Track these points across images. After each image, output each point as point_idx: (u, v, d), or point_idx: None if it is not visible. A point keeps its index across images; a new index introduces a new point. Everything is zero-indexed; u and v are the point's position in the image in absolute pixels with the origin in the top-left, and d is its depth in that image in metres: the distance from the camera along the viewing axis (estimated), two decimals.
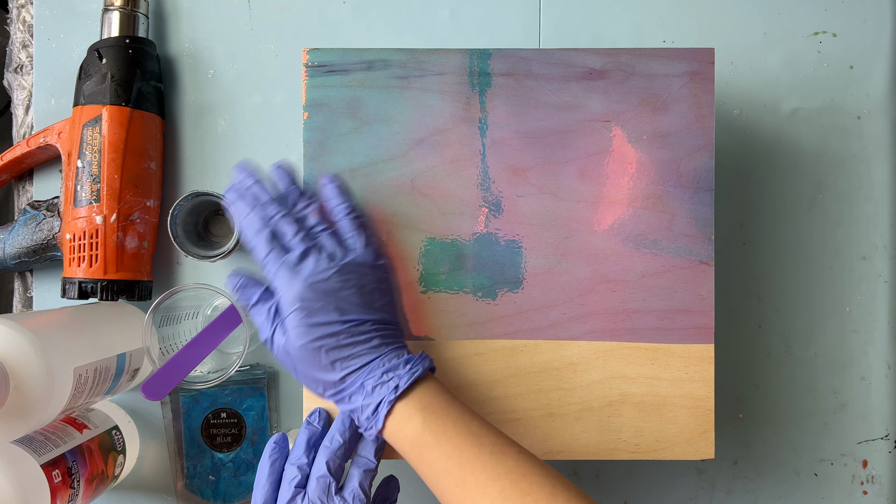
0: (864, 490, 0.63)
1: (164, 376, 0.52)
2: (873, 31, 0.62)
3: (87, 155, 0.56)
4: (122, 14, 0.58)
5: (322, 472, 0.45)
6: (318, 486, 0.45)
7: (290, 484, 0.46)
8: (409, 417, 0.44)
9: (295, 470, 0.46)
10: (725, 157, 0.62)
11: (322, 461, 0.46)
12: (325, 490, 0.45)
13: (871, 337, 0.62)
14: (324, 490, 0.45)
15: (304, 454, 0.47)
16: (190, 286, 0.53)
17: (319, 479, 0.45)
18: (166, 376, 0.52)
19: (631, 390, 0.51)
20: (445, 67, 0.51)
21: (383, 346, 0.46)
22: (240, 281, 0.47)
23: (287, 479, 0.46)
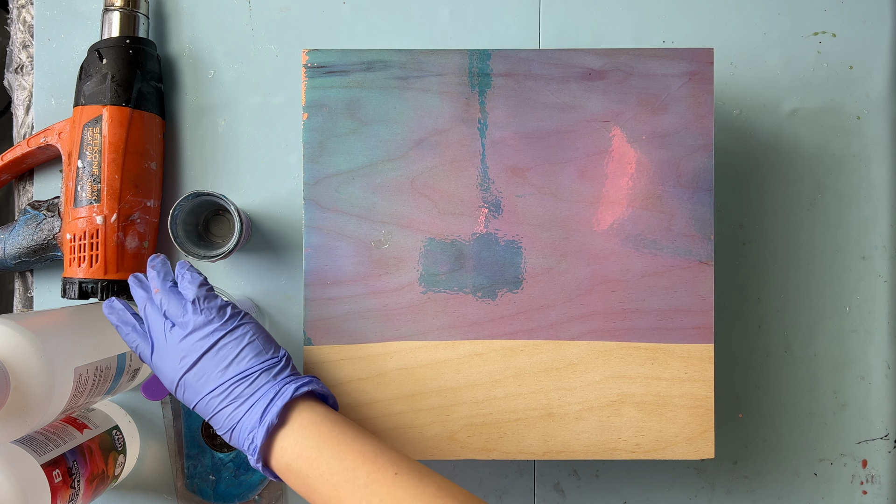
0: (864, 490, 0.63)
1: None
2: (873, 31, 0.62)
3: (87, 155, 0.57)
4: (123, 14, 0.58)
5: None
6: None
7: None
8: (283, 447, 0.44)
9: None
10: (725, 158, 0.62)
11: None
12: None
13: (870, 337, 0.62)
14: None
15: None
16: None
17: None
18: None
19: (631, 390, 0.51)
20: (445, 68, 0.51)
21: (269, 382, 0.45)
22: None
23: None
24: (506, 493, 0.63)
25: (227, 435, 0.45)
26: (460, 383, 0.51)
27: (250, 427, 0.44)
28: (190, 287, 0.47)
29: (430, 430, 0.51)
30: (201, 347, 0.45)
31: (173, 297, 0.47)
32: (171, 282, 0.48)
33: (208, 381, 0.45)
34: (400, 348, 0.51)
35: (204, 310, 0.46)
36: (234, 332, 0.46)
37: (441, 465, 0.62)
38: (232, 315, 0.46)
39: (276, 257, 0.62)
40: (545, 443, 0.51)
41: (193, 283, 0.47)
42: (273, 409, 0.43)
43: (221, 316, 0.46)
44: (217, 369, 0.45)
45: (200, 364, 0.45)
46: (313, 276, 0.51)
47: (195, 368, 0.45)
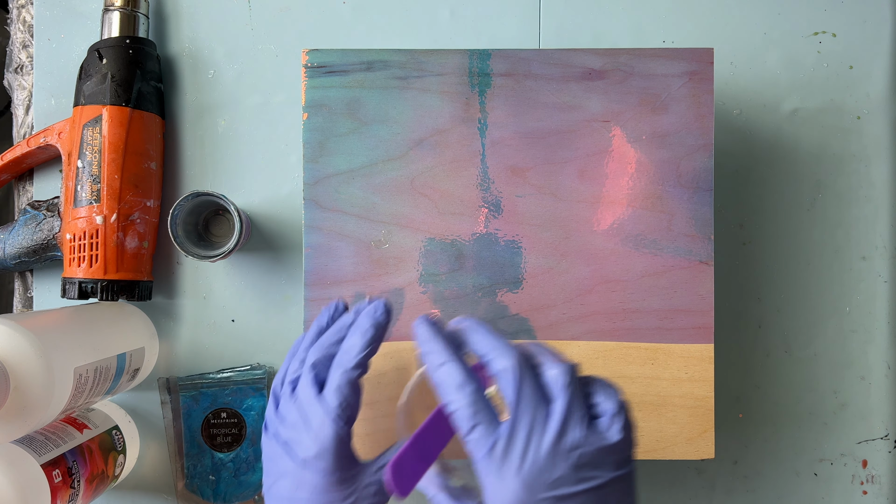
0: (864, 490, 0.63)
1: (414, 456, 0.38)
2: (873, 31, 0.62)
3: (87, 155, 0.57)
4: (123, 14, 0.58)
5: (307, 367, 0.39)
6: (303, 380, 0.39)
7: (286, 380, 0.41)
8: None
9: (296, 363, 0.40)
10: (725, 158, 0.62)
11: (312, 357, 0.39)
12: (308, 385, 0.38)
13: (870, 337, 0.62)
14: (307, 385, 0.38)
15: (306, 347, 0.41)
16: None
17: (304, 373, 0.39)
18: (415, 456, 0.37)
19: (631, 390, 0.51)
20: (445, 68, 0.51)
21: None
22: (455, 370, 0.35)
23: (288, 371, 0.41)
24: None
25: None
26: None
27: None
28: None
29: None
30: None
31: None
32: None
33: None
34: (400, 348, 0.51)
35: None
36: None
37: None
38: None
39: (276, 257, 0.62)
40: None
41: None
42: None
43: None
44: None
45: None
46: (313, 276, 0.51)
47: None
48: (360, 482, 0.38)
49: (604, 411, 0.35)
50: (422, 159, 0.51)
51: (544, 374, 0.35)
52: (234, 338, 0.62)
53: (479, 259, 0.51)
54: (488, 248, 0.51)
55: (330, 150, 0.51)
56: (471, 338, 0.37)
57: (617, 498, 0.34)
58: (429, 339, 0.37)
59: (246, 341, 0.62)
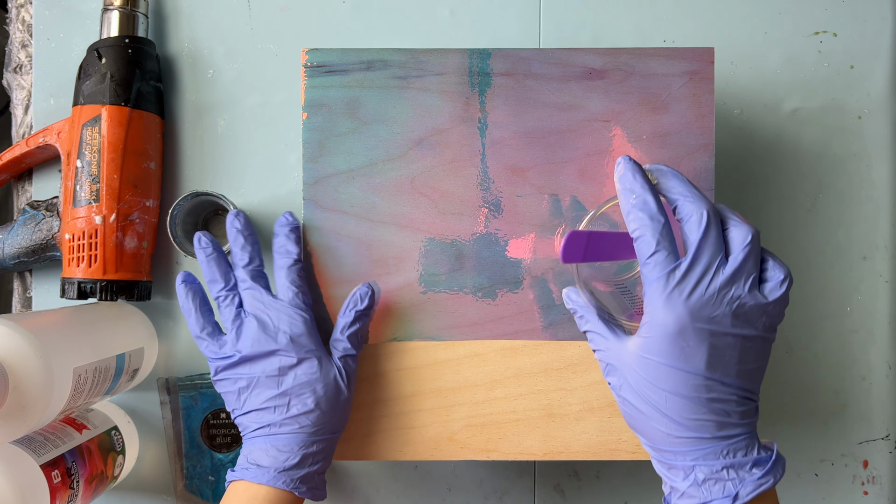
0: (865, 490, 0.62)
1: (591, 242, 0.42)
2: (874, 30, 0.62)
3: (86, 155, 0.56)
4: (122, 14, 0.58)
5: (244, 277, 0.48)
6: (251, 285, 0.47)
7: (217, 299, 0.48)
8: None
9: (217, 288, 0.48)
10: (726, 157, 0.62)
11: (243, 271, 0.48)
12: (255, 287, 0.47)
13: (871, 337, 0.62)
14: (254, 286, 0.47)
15: (219, 276, 0.49)
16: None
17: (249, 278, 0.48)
18: (592, 243, 0.42)
19: None
20: (445, 67, 0.51)
21: (735, 426, 0.39)
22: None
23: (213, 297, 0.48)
24: (506, 493, 0.62)
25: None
26: (460, 384, 0.51)
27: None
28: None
29: (430, 430, 0.51)
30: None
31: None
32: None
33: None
34: (400, 348, 0.51)
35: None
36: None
37: (441, 465, 0.62)
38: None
39: None
40: (545, 443, 0.51)
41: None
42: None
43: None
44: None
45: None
46: (313, 276, 0.51)
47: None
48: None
49: (771, 277, 0.39)
50: (422, 159, 0.51)
51: (729, 229, 0.39)
52: None
53: (479, 259, 0.51)
54: (488, 248, 0.51)
55: (330, 150, 0.51)
56: (667, 181, 0.40)
57: (756, 355, 0.39)
58: (629, 175, 0.40)
59: None
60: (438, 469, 0.62)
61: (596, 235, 0.41)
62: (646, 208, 0.39)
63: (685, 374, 0.38)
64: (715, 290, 0.38)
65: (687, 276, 0.38)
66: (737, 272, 0.38)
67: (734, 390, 0.39)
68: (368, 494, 0.62)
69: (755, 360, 0.39)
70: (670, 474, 0.40)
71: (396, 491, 0.62)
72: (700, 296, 0.37)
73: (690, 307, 0.37)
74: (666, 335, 0.38)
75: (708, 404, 0.38)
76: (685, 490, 0.39)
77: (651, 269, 0.38)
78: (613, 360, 0.41)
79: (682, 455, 0.39)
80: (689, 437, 0.39)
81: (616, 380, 0.41)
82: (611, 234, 0.42)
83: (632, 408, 0.41)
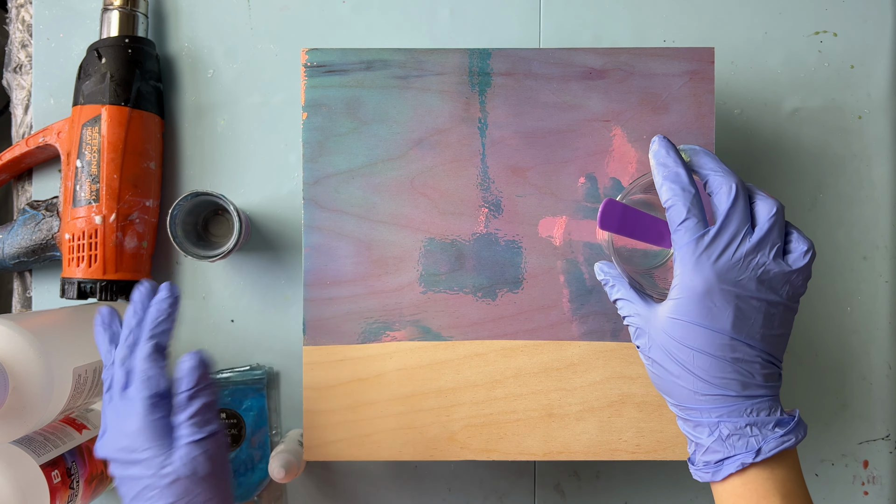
0: (865, 491, 0.62)
1: (626, 215, 0.44)
2: (874, 30, 0.62)
3: (86, 155, 0.56)
4: (122, 13, 0.58)
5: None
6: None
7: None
8: (767, 496, 0.40)
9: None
10: (726, 157, 0.62)
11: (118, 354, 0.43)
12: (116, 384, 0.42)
13: (871, 337, 0.62)
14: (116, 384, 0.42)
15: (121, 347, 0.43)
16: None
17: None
18: (627, 216, 0.43)
19: (631, 390, 0.51)
20: (445, 67, 0.51)
21: (759, 387, 0.41)
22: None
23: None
24: (506, 494, 0.62)
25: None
26: (460, 384, 0.51)
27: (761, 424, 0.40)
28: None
29: (430, 430, 0.51)
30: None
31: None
32: None
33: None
34: (400, 348, 0.51)
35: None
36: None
37: (441, 465, 0.62)
38: None
39: (276, 257, 0.61)
40: (546, 443, 0.51)
41: None
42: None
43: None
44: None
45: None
46: (313, 276, 0.51)
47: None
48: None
49: (795, 249, 0.41)
50: (422, 159, 0.51)
51: (756, 203, 0.41)
52: (234, 338, 0.61)
53: (479, 259, 0.51)
54: (488, 248, 0.51)
55: (329, 150, 0.51)
56: (699, 159, 0.43)
57: (780, 321, 0.41)
58: (663, 151, 0.42)
59: (245, 342, 0.61)
60: (438, 469, 0.62)
61: (632, 210, 0.44)
62: (678, 180, 0.41)
63: (712, 333, 0.40)
64: (741, 255, 0.40)
65: (715, 241, 0.40)
66: (762, 240, 0.40)
67: (758, 353, 0.41)
68: (368, 494, 0.62)
69: (778, 326, 0.41)
70: (695, 432, 0.42)
71: (396, 491, 0.62)
72: (728, 260, 0.40)
73: (718, 270, 0.40)
74: (694, 296, 0.40)
75: (733, 363, 0.40)
76: (709, 445, 0.41)
77: (682, 235, 0.41)
78: (643, 325, 0.43)
79: (707, 412, 0.41)
80: (715, 395, 0.40)
81: (645, 342, 0.43)
82: (646, 215, 0.44)
83: (660, 368, 0.42)
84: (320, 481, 0.62)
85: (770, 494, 0.40)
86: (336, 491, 0.62)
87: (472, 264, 0.51)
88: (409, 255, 0.51)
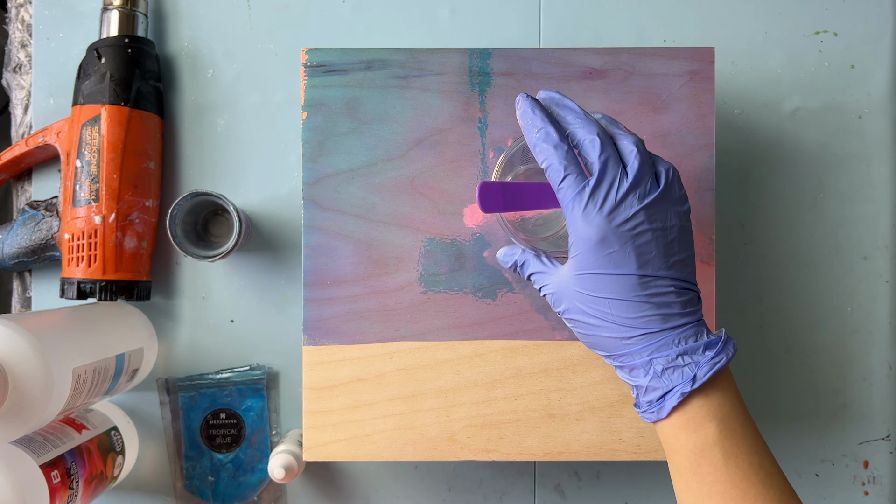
0: (866, 491, 0.62)
1: (506, 191, 0.44)
2: (874, 30, 0.62)
3: (85, 155, 0.56)
4: (122, 13, 0.58)
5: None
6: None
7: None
8: (702, 423, 0.40)
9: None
10: (726, 157, 0.62)
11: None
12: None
13: (872, 337, 0.62)
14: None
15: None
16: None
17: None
18: (508, 192, 0.44)
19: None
20: (445, 67, 0.51)
21: (680, 316, 0.41)
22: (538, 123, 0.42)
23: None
24: (506, 494, 0.62)
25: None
26: (460, 384, 0.51)
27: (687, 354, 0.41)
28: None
29: (430, 430, 0.51)
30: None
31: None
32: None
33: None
34: (400, 349, 0.51)
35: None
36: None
37: (441, 465, 0.62)
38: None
39: (276, 257, 0.61)
40: (546, 443, 0.51)
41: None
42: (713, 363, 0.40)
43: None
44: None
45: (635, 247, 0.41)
46: (313, 276, 0.51)
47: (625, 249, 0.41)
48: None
49: (660, 172, 0.42)
50: (422, 159, 0.51)
51: (618, 143, 0.42)
52: (234, 338, 0.61)
53: (479, 259, 0.51)
54: (488, 248, 0.51)
55: (329, 150, 0.51)
56: (559, 111, 0.43)
57: (679, 244, 0.42)
58: (529, 111, 0.43)
59: (245, 342, 0.61)
60: (438, 469, 0.62)
61: (510, 185, 0.44)
62: (549, 139, 0.42)
63: (618, 278, 0.41)
64: (622, 196, 0.41)
65: (596, 190, 0.41)
66: (636, 178, 0.41)
67: (669, 282, 0.41)
68: (368, 494, 0.62)
69: (680, 250, 0.42)
70: (632, 376, 0.43)
71: (396, 491, 0.62)
72: (612, 205, 0.41)
73: (606, 216, 0.41)
74: (591, 247, 0.41)
75: (648, 300, 0.41)
76: (647, 384, 0.42)
77: (565, 193, 0.41)
78: (557, 290, 0.44)
79: (637, 353, 0.42)
80: (640, 335, 0.41)
81: (563, 305, 0.44)
82: (527, 184, 0.45)
83: (583, 325, 0.43)
84: (320, 481, 0.62)
85: (706, 420, 0.40)
86: (336, 491, 0.62)
87: (472, 264, 0.51)
88: (409, 255, 0.51)
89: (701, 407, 0.40)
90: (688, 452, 0.40)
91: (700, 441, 0.40)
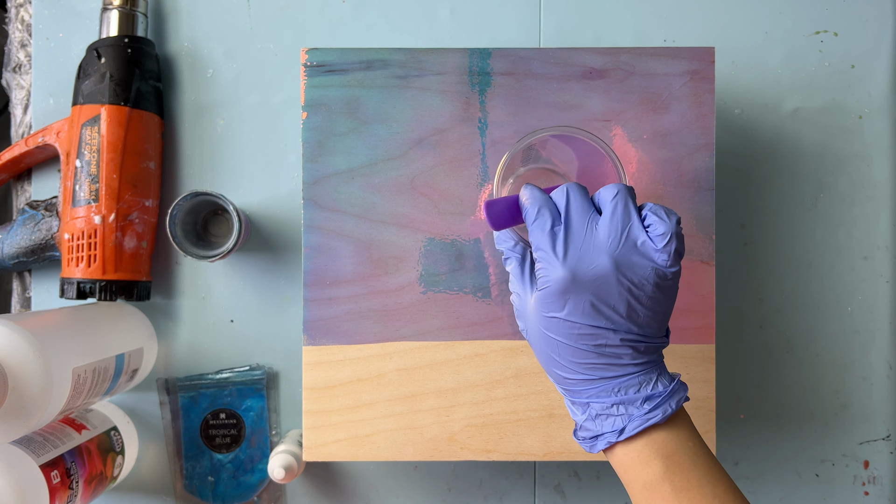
0: (866, 491, 0.62)
1: (510, 205, 0.44)
2: (874, 30, 0.62)
3: (85, 155, 0.56)
4: (121, 13, 0.58)
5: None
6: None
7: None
8: (647, 461, 0.40)
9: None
10: (726, 157, 0.62)
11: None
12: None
13: (872, 337, 0.62)
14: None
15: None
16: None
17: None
18: (512, 206, 0.44)
19: None
20: (445, 67, 0.51)
21: (627, 366, 0.41)
22: (534, 200, 0.43)
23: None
24: (506, 494, 0.62)
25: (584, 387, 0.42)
26: (460, 384, 0.51)
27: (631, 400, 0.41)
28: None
29: (430, 430, 0.51)
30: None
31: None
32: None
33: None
34: (400, 349, 0.51)
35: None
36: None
37: (441, 466, 0.62)
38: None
39: (275, 257, 0.61)
40: (546, 444, 0.51)
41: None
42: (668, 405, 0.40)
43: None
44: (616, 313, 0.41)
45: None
46: (312, 276, 0.51)
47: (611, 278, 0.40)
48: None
49: (653, 230, 0.41)
50: (422, 159, 0.51)
51: (600, 190, 0.42)
52: (233, 338, 0.61)
53: (479, 259, 0.51)
54: (488, 248, 0.51)
55: (329, 150, 0.51)
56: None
57: (649, 299, 0.41)
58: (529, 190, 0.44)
59: (245, 342, 0.61)
60: (438, 469, 0.62)
61: (513, 199, 0.44)
62: (532, 192, 0.43)
63: (570, 324, 0.41)
64: (590, 244, 0.41)
65: (566, 236, 0.41)
66: (610, 226, 0.40)
67: (623, 334, 0.41)
68: (368, 494, 0.62)
69: (650, 304, 0.41)
70: (574, 409, 0.43)
71: (396, 491, 0.62)
72: (582, 248, 0.41)
73: (570, 264, 0.40)
74: (552, 291, 0.41)
75: (596, 349, 0.41)
76: (583, 424, 0.42)
77: (537, 230, 0.42)
78: (521, 307, 0.44)
79: (578, 393, 0.42)
80: (580, 379, 0.42)
81: (522, 325, 0.44)
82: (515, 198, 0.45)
83: (536, 351, 0.44)
84: (320, 481, 0.62)
85: (651, 458, 0.40)
86: (336, 491, 0.62)
87: (472, 264, 0.51)
88: (409, 255, 0.51)
89: (645, 446, 0.41)
90: (640, 486, 0.41)
91: (648, 477, 0.40)
